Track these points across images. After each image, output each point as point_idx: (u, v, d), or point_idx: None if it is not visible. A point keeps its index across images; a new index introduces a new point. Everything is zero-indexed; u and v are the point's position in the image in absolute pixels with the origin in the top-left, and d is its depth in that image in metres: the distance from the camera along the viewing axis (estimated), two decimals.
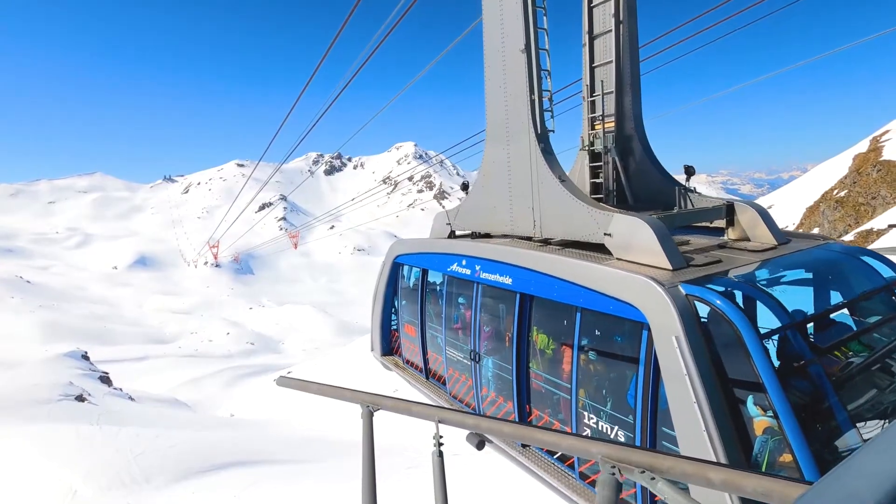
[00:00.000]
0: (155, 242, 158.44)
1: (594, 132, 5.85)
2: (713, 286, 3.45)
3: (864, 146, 27.33)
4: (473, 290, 5.71)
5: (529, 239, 5.52)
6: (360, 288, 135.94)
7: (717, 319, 3.20)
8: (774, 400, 2.84)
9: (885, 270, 4.17)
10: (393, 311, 8.18)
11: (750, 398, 3.00)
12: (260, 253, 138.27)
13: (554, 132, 5.29)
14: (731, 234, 5.03)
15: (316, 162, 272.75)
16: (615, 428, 3.99)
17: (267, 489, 13.72)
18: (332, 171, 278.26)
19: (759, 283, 3.97)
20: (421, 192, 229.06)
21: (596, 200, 5.13)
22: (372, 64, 9.13)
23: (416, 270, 7.27)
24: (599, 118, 5.75)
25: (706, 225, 5.50)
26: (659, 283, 3.44)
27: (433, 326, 6.84)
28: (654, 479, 2.06)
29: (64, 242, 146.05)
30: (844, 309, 3.93)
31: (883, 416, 3.13)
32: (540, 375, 4.90)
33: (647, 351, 3.58)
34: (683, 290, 3.42)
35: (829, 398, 3.07)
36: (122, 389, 34.50)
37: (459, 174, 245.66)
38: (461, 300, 6.18)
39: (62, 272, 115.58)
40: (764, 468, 2.88)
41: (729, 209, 5.00)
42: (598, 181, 5.87)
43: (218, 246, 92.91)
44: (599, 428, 4.13)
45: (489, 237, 6.20)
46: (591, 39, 5.81)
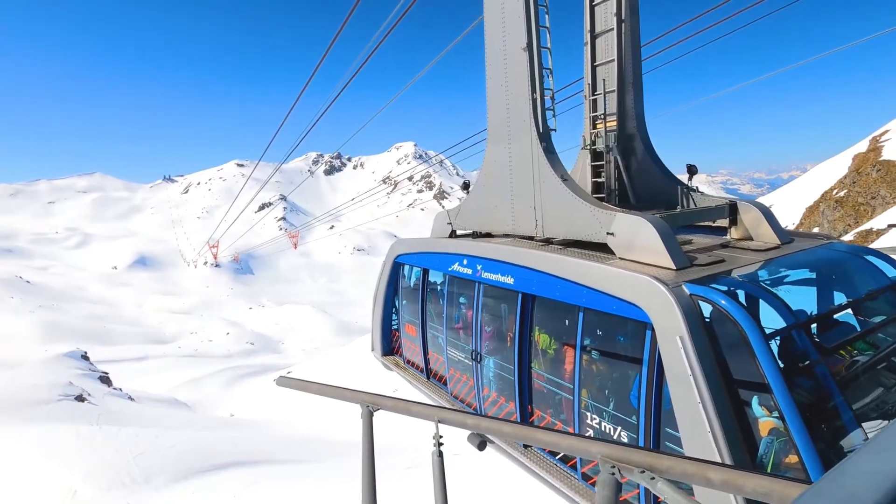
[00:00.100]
0: (154, 242, 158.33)
1: (596, 131, 5.82)
2: (717, 286, 3.42)
3: (863, 146, 27.30)
4: (475, 289, 5.68)
5: (531, 238, 5.49)
6: (359, 288, 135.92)
7: (721, 319, 3.17)
8: (780, 401, 2.81)
9: (889, 270, 4.15)
10: (394, 310, 8.15)
11: (755, 399, 2.97)
12: (260, 253, 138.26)
13: (556, 131, 5.27)
14: (733, 233, 5.01)
15: (316, 162, 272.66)
16: (618, 429, 3.97)
17: (267, 489, 13.70)
18: (331, 171, 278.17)
19: (763, 282, 3.94)
20: (421, 192, 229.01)
21: (598, 200, 5.11)
22: (372, 64, 9.12)
23: (416, 270, 7.24)
24: (601, 117, 5.73)
25: (709, 224, 5.47)
26: (663, 282, 3.42)
27: (434, 326, 6.81)
28: (653, 479, 2.05)
29: (63, 242, 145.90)
30: (849, 308, 3.91)
31: (889, 415, 3.11)
32: (542, 376, 4.87)
33: (650, 351, 3.56)
34: (687, 289, 3.39)
35: (834, 398, 3.04)
36: (121, 389, 34.49)
37: (459, 174, 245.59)
38: (462, 300, 6.15)
39: (62, 272, 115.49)
40: (769, 470, 2.85)
41: (732, 208, 4.98)
42: (599, 180, 5.85)
43: (218, 246, 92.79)
44: (602, 429, 4.10)
45: (490, 237, 6.18)
46: (592, 38, 5.78)
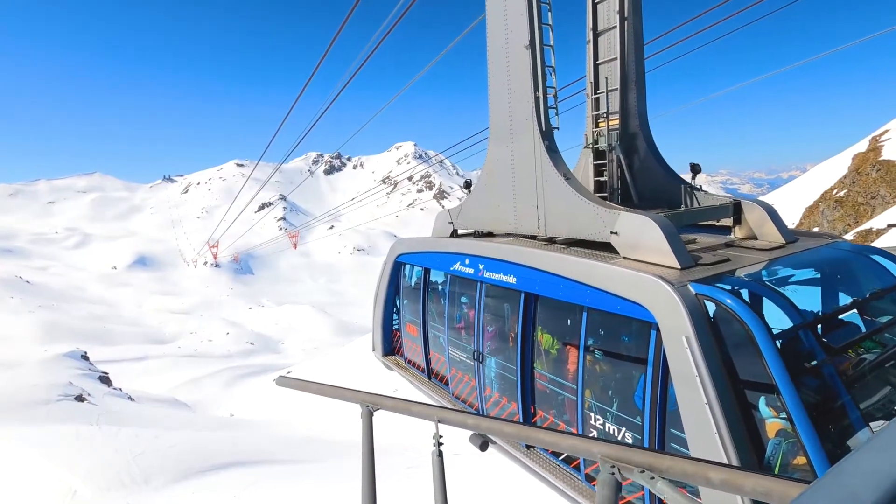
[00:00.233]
0: (154, 242, 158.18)
1: (598, 130, 5.78)
2: (723, 285, 3.39)
3: (863, 146, 27.26)
4: (477, 289, 5.65)
5: (533, 238, 5.46)
6: (359, 288, 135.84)
7: (727, 319, 3.14)
8: (788, 401, 2.78)
9: (895, 269, 4.12)
10: (394, 310, 8.12)
11: (762, 400, 2.94)
12: (259, 253, 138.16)
13: (558, 129, 5.23)
14: (737, 232, 4.98)
15: (315, 162, 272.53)
16: (622, 429, 3.94)
17: (267, 489, 13.67)
18: (331, 170, 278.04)
19: (768, 282, 3.91)
20: (421, 191, 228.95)
21: (601, 199, 5.08)
22: (371, 64, 9.09)
23: (418, 270, 7.21)
24: (604, 115, 5.69)
25: (712, 224, 5.44)
26: (668, 282, 3.39)
27: (436, 326, 6.77)
28: (653, 478, 2.04)
29: (63, 242, 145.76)
30: (855, 308, 3.88)
31: None
32: (545, 376, 4.84)
33: (655, 351, 3.53)
34: (693, 289, 3.36)
35: (842, 399, 3.02)
36: (121, 389, 34.44)
37: (459, 174, 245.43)
38: (464, 299, 6.12)
39: (61, 272, 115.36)
40: (777, 471, 2.82)
41: (736, 207, 4.95)
42: (602, 179, 5.81)
43: (217, 246, 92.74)
44: (606, 429, 4.07)
45: (492, 236, 6.15)
46: (595, 36, 5.74)
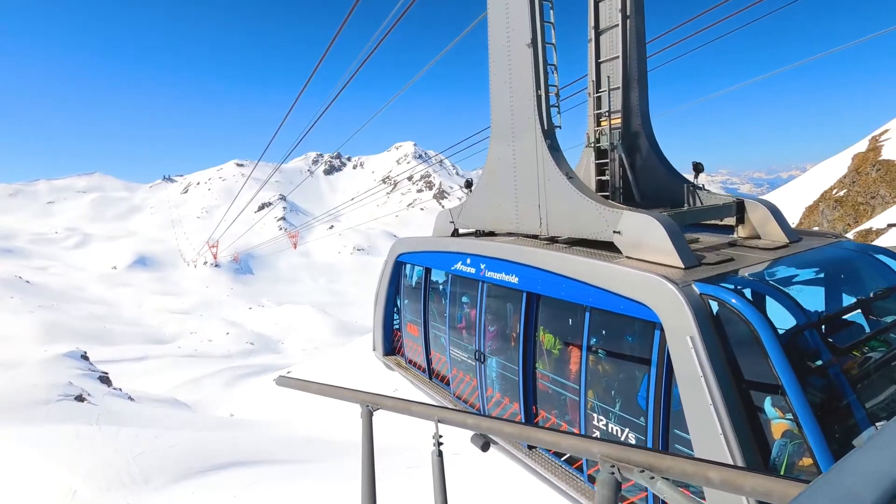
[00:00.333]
0: (154, 242, 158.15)
1: (600, 129, 5.75)
2: (727, 285, 3.36)
3: (863, 146, 27.23)
4: (478, 288, 5.63)
5: (535, 237, 5.43)
6: (359, 288, 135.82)
7: (732, 319, 3.12)
8: (794, 402, 2.75)
9: None
10: (395, 310, 8.10)
11: (768, 400, 2.92)
12: (259, 253, 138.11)
13: (560, 128, 5.21)
14: (741, 231, 4.95)
15: (315, 161, 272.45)
16: (625, 430, 3.91)
17: (267, 489, 13.66)
18: (331, 170, 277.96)
19: (773, 281, 3.88)
20: (420, 191, 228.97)
21: (603, 198, 5.05)
22: (371, 63, 9.09)
23: (418, 269, 7.19)
24: (605, 114, 5.66)
25: (715, 223, 5.41)
26: (672, 281, 3.36)
27: (437, 326, 6.75)
28: (653, 478, 2.03)
29: (63, 242, 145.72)
30: (860, 307, 3.85)
31: None
32: (547, 376, 4.81)
33: (659, 351, 3.50)
34: (697, 288, 3.34)
35: (849, 399, 2.99)
36: (121, 389, 34.44)
37: (459, 174, 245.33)
38: (465, 299, 6.09)
39: (61, 272, 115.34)
40: (782, 473, 2.79)
41: (739, 207, 4.93)
42: (604, 178, 5.78)
43: (217, 246, 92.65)
44: (609, 430, 4.05)
45: (493, 235, 6.12)
46: (596, 34, 5.70)
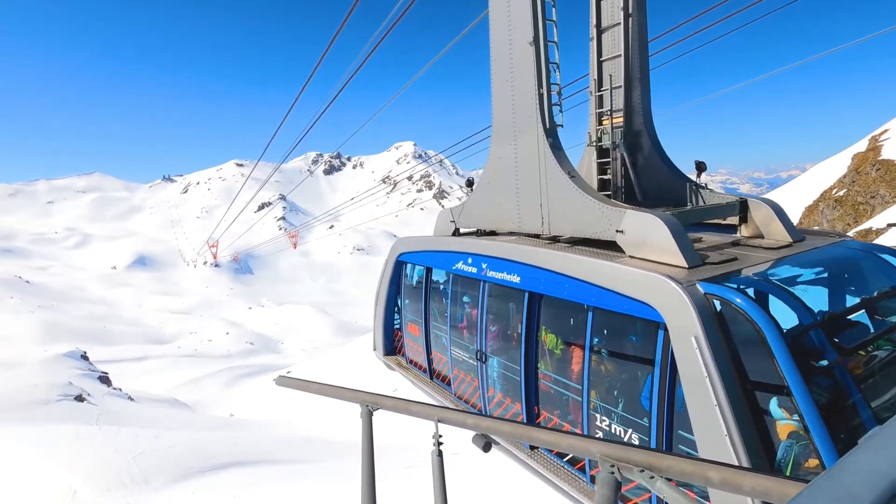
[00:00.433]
0: (154, 242, 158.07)
1: (602, 127, 5.73)
2: (731, 284, 3.34)
3: (863, 145, 27.18)
4: (480, 288, 5.60)
5: (537, 236, 5.40)
6: (359, 288, 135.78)
7: (737, 319, 3.09)
8: (800, 403, 2.73)
9: None
10: (396, 310, 8.07)
11: (774, 401, 2.89)
12: (259, 253, 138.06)
13: (562, 127, 5.18)
14: (744, 231, 4.92)
15: (315, 161, 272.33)
16: (628, 431, 3.88)
17: (267, 489, 13.65)
18: (331, 170, 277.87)
19: (777, 281, 3.86)
20: (420, 191, 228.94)
21: (605, 197, 5.03)
22: (371, 64, 9.08)
23: (419, 269, 7.16)
24: (607, 113, 5.63)
25: (717, 222, 5.38)
26: (676, 281, 3.34)
27: (438, 326, 6.72)
28: (653, 477, 2.02)
29: (63, 242, 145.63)
30: (866, 307, 3.83)
31: None
32: (549, 376, 4.78)
33: (663, 351, 3.47)
34: (702, 288, 3.31)
35: (855, 399, 2.96)
36: (121, 389, 34.42)
37: (459, 174, 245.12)
38: (467, 299, 6.07)
39: (61, 272, 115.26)
40: (789, 474, 2.77)
41: (742, 206, 4.89)
42: (606, 177, 5.76)
43: (217, 246, 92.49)
44: (612, 431, 4.02)
45: (495, 235, 6.10)
46: (598, 33, 5.67)
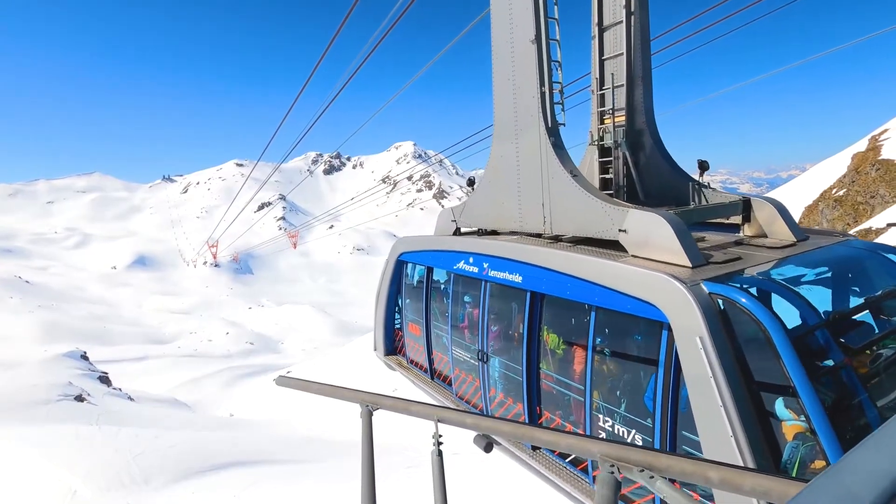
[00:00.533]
0: (154, 242, 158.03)
1: (604, 126, 5.70)
2: (736, 284, 3.31)
3: (862, 145, 27.15)
4: (481, 288, 5.57)
5: (539, 236, 5.37)
6: (359, 288, 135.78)
7: (742, 318, 3.06)
8: (807, 403, 2.70)
9: None
10: (397, 310, 8.05)
11: (779, 402, 2.86)
12: (259, 253, 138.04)
13: (564, 125, 5.15)
14: (747, 230, 4.90)
15: (315, 161, 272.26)
16: (632, 431, 3.85)
17: (267, 489, 13.63)
18: (331, 170, 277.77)
19: (782, 280, 3.83)
20: (420, 191, 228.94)
21: (608, 196, 5.00)
22: (371, 64, 9.08)
23: (420, 268, 7.14)
24: (609, 112, 5.61)
25: (720, 221, 5.35)
26: (680, 280, 3.31)
27: (439, 326, 6.70)
28: (652, 477, 2.01)
29: (62, 242, 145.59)
30: (871, 306, 3.80)
31: None
32: (551, 376, 4.76)
33: (667, 351, 3.45)
34: (706, 287, 3.28)
35: (862, 400, 2.94)
36: (121, 389, 34.40)
37: (459, 173, 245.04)
38: (468, 298, 6.04)
39: (61, 272, 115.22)
40: (794, 475, 2.74)
41: (745, 205, 4.87)
42: (607, 177, 5.73)
43: (217, 246, 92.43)
44: (615, 431, 3.99)
45: (496, 234, 6.07)
46: (600, 31, 5.64)
